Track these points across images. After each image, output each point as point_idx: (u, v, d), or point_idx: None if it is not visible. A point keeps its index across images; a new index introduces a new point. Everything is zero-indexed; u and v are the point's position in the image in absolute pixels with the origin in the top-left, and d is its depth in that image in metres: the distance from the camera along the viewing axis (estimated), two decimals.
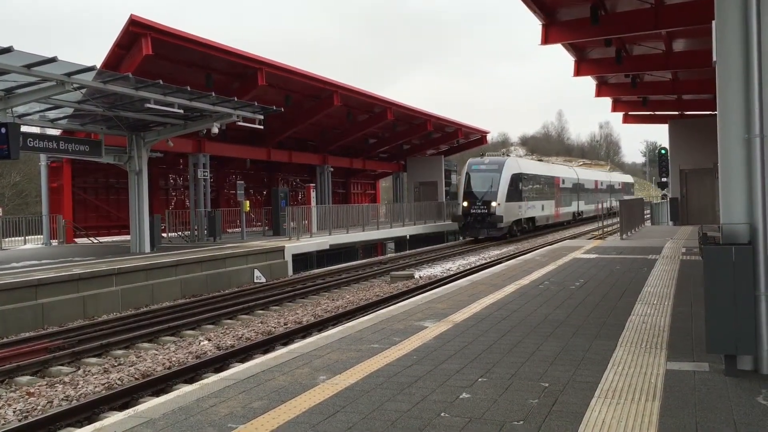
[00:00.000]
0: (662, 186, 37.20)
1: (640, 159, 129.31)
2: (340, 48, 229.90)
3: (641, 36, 20.46)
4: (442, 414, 5.29)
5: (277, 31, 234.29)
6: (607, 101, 33.41)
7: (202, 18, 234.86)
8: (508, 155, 43.00)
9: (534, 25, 23.98)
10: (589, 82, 29.45)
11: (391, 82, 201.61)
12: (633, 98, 31.83)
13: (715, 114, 6.58)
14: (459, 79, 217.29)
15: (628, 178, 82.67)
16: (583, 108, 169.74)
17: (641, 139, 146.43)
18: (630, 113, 37.35)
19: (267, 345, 11.98)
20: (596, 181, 59.68)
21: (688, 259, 16.25)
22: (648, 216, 39.76)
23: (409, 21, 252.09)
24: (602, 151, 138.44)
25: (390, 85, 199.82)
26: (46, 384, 9.66)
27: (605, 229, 31.77)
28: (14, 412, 8.42)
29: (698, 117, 33.86)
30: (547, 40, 19.30)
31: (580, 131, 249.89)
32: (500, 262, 21.25)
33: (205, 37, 22.21)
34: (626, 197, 69.46)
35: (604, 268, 14.89)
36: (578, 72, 24.52)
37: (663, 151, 35.90)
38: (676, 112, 34.65)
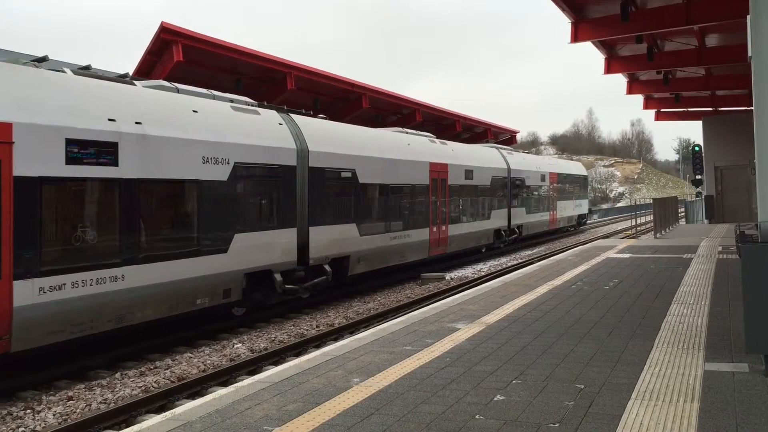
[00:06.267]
0: (696, 183, 36.69)
1: (673, 156, 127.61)
2: (350, 50, 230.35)
3: (673, 32, 20.20)
4: (477, 416, 5.27)
5: (288, 30, 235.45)
6: (639, 98, 33.04)
7: (213, 20, 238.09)
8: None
9: (561, 24, 23.93)
10: (620, 80, 29.15)
11: (410, 82, 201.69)
12: (665, 95, 31.39)
13: (751, 110, 6.47)
14: (480, 81, 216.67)
15: (576, 168, 45.64)
16: (614, 105, 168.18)
17: (674, 136, 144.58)
18: (662, 110, 36.84)
19: (299, 347, 12.05)
20: (441, 167, 22.68)
21: (724, 258, 15.98)
22: (682, 214, 39.18)
23: (424, 24, 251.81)
24: (634, 149, 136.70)
25: (405, 88, 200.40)
26: (85, 387, 9.83)
27: (638, 228, 31.36)
28: (54, 415, 8.57)
29: (733, 113, 33.32)
30: (576, 38, 19.16)
31: (611, 129, 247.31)
32: (532, 263, 21.10)
33: (234, 43, 22.42)
34: (568, 203, 40.27)
35: (639, 268, 14.70)
36: (609, 69, 24.29)
37: (697, 149, 35.44)
38: (710, 109, 34.12)
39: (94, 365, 10.90)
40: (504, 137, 48.73)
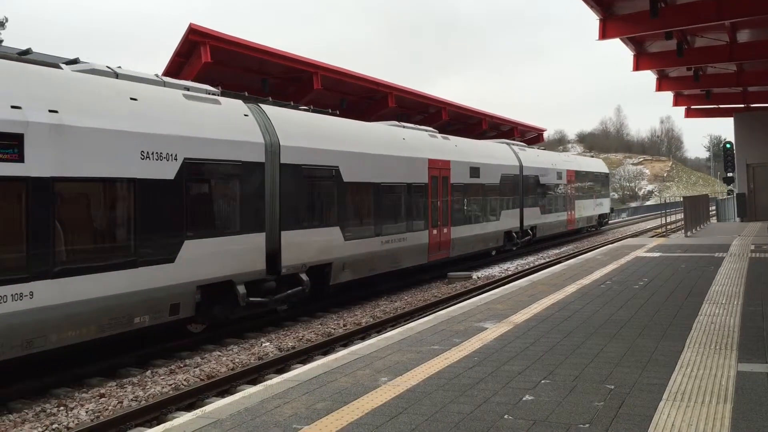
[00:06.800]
0: (728, 181, 36.15)
1: (703, 154, 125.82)
2: (366, 49, 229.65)
3: (703, 27, 19.89)
4: (506, 416, 5.25)
5: (288, 31, 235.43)
6: (669, 95, 32.61)
7: (223, 20, 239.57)
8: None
9: (588, 21, 23.58)
10: (649, 77, 28.67)
11: (433, 81, 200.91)
12: (696, 92, 30.93)
13: None
14: (504, 80, 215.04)
15: (597, 165, 43.33)
16: (643, 103, 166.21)
17: (705, 133, 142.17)
18: (693, 107, 36.35)
19: (327, 346, 12.10)
20: (442, 164, 21.23)
21: (757, 257, 15.72)
22: (713, 212, 38.62)
23: (440, 24, 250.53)
24: (664, 147, 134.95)
25: (426, 87, 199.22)
26: (116, 385, 9.97)
27: (668, 227, 30.96)
28: (86, 412, 8.71)
29: (765, 110, 32.75)
30: (604, 35, 18.96)
31: (640, 127, 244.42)
32: (560, 262, 20.94)
33: (261, 43, 22.58)
34: (588, 202, 37.23)
35: (669, 267, 14.52)
36: (637, 66, 24.01)
37: (728, 146, 34.90)
38: (742, 105, 33.57)
39: (125, 363, 11.05)
40: (531, 135, 48.42)
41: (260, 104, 14.39)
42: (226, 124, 12.64)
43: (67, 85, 10.17)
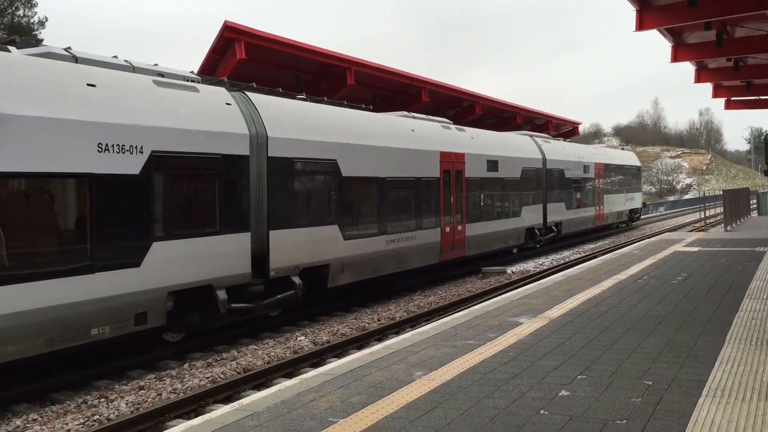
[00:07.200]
0: None
1: (744, 146, 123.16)
2: (402, 45, 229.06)
3: (743, 17, 19.44)
4: (542, 411, 5.23)
5: (324, 29, 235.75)
6: (708, 87, 31.95)
7: (250, 17, 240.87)
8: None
9: (624, 12, 23.15)
10: (687, 68, 28.14)
11: (465, 75, 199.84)
12: (736, 83, 30.24)
13: None
14: (538, 73, 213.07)
15: (627, 157, 40.56)
16: (681, 95, 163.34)
17: (745, 125, 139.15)
18: (733, 99, 35.55)
19: (362, 340, 12.15)
20: (456, 158, 19.96)
21: None
22: (754, 206, 37.85)
23: (471, 19, 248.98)
24: (702, 139, 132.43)
25: (459, 81, 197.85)
26: (155, 377, 10.15)
27: (707, 221, 30.41)
28: (126, 404, 8.88)
29: None
30: (642, 26, 18.65)
31: (678, 119, 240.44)
32: (595, 257, 20.71)
33: (294, 39, 22.71)
34: (618, 196, 35.59)
35: (708, 262, 14.28)
36: (675, 58, 23.56)
37: None
38: None
39: (164, 356, 11.23)
40: (566, 129, 47.89)
41: (246, 92, 13.27)
42: (204, 114, 11.43)
43: (8, 70, 8.92)
